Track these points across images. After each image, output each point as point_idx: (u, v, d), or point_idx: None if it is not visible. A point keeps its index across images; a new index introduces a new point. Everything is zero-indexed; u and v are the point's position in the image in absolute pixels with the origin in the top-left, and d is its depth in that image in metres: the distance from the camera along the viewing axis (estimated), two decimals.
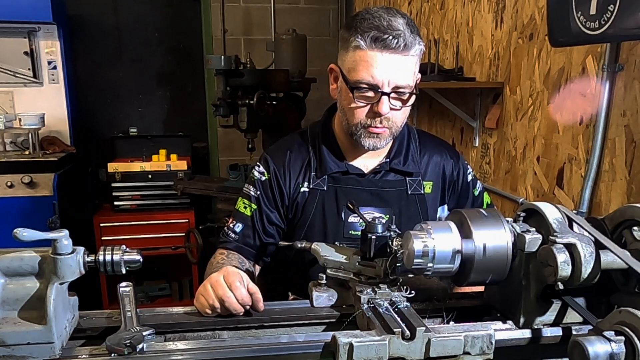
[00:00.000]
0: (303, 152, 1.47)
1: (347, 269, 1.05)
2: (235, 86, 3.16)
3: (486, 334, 0.86)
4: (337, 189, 1.42)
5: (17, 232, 0.81)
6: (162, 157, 3.87)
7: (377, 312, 0.93)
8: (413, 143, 1.49)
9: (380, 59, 1.24)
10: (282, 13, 4.22)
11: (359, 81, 1.27)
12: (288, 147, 1.50)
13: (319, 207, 1.42)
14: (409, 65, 1.27)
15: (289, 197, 1.45)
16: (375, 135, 1.34)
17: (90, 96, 4.26)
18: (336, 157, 1.44)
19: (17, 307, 0.85)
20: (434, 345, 0.84)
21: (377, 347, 0.82)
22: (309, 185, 1.43)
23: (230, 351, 0.86)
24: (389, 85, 1.26)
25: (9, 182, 3.42)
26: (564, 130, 1.88)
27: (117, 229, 3.77)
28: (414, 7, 3.15)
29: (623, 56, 1.60)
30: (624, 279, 0.90)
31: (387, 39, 1.22)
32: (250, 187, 1.49)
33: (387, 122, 1.32)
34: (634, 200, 1.52)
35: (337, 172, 1.43)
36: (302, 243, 1.16)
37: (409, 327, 0.86)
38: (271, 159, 1.47)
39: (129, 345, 0.82)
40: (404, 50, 1.24)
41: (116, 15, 4.27)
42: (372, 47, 1.24)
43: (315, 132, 1.49)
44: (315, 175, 1.43)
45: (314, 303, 1.05)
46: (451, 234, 0.92)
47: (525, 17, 2.07)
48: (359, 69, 1.27)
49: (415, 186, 1.45)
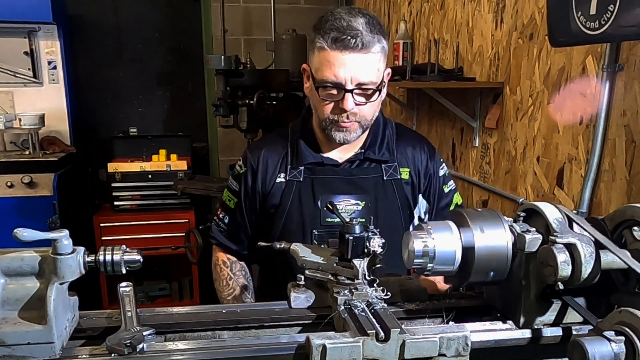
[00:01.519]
0: (281, 146, 1.53)
1: (325, 270, 1.05)
2: (235, 86, 3.16)
3: (462, 335, 0.85)
4: (313, 179, 1.47)
5: (17, 232, 0.81)
6: (162, 157, 3.87)
7: (353, 313, 0.92)
8: (389, 132, 1.53)
9: (341, 58, 1.30)
10: (282, 13, 4.22)
11: (323, 80, 1.34)
12: (266, 142, 1.61)
13: (295, 197, 1.47)
14: (371, 63, 1.32)
15: (265, 189, 1.51)
16: (345, 129, 1.39)
17: (90, 96, 4.26)
18: (313, 149, 1.49)
19: (17, 307, 0.85)
20: (409, 346, 0.83)
21: (351, 348, 0.81)
22: (285, 177, 1.49)
23: (230, 351, 0.86)
24: (351, 83, 1.32)
25: (9, 182, 3.42)
26: (564, 130, 1.88)
27: (117, 229, 3.77)
28: (414, 7, 3.15)
29: (623, 56, 1.60)
30: (624, 279, 0.90)
31: (346, 39, 1.29)
32: (233, 181, 1.59)
33: (355, 117, 1.38)
34: (634, 200, 1.52)
35: (313, 162, 1.47)
36: (282, 244, 1.16)
37: (384, 328, 0.85)
38: (249, 153, 1.56)
39: (129, 345, 0.82)
40: (362, 48, 1.30)
41: (116, 15, 4.27)
42: (333, 47, 1.30)
43: (295, 128, 1.55)
44: (292, 166, 1.48)
45: (292, 304, 1.04)
46: (451, 234, 0.92)
47: (525, 17, 2.07)
48: (323, 68, 1.33)
49: (392, 172, 1.49)
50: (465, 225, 0.93)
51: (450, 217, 0.98)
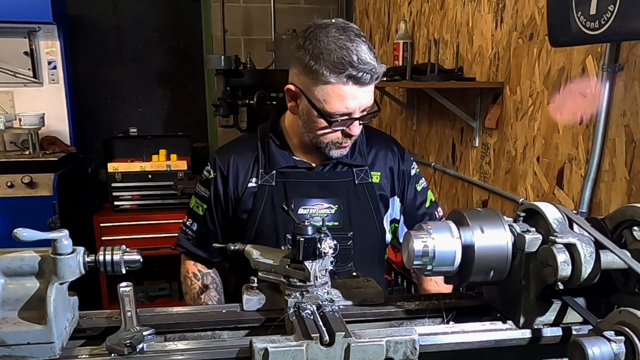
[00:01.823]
0: (250, 150, 1.51)
1: (278, 272, 1.03)
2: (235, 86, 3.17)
3: (409, 339, 0.83)
4: (285, 183, 1.46)
5: (17, 232, 0.81)
6: (162, 157, 3.87)
7: (300, 316, 0.91)
8: (360, 138, 1.52)
9: (353, 92, 1.30)
10: (282, 13, 4.22)
11: (335, 113, 1.32)
12: (235, 146, 1.58)
13: (268, 202, 1.45)
14: (373, 88, 1.34)
15: (236, 194, 1.48)
16: (345, 148, 1.41)
17: (90, 96, 4.26)
18: (284, 154, 1.48)
19: (17, 307, 0.85)
20: (354, 350, 0.81)
21: (294, 352, 0.80)
22: (257, 182, 1.47)
23: (231, 351, 0.86)
24: (359, 111, 1.34)
25: (9, 182, 3.42)
26: (564, 130, 1.88)
27: (117, 229, 3.77)
28: (414, 7, 3.15)
29: (623, 56, 1.60)
30: (624, 279, 0.90)
31: (363, 76, 1.28)
32: (201, 187, 1.56)
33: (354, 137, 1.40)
34: (634, 200, 1.52)
35: (286, 166, 1.46)
36: (236, 245, 1.15)
37: (329, 332, 0.84)
38: (218, 157, 1.53)
39: (129, 345, 0.82)
40: (376, 80, 1.32)
41: (116, 15, 4.27)
42: (346, 83, 1.29)
43: (264, 131, 1.54)
44: (264, 171, 1.47)
45: (245, 306, 1.03)
46: (451, 234, 0.92)
47: (525, 17, 2.07)
48: (332, 101, 1.31)
49: (363, 175, 1.49)
50: (465, 225, 0.93)
51: (450, 217, 0.98)
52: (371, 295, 1.07)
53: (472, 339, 0.93)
